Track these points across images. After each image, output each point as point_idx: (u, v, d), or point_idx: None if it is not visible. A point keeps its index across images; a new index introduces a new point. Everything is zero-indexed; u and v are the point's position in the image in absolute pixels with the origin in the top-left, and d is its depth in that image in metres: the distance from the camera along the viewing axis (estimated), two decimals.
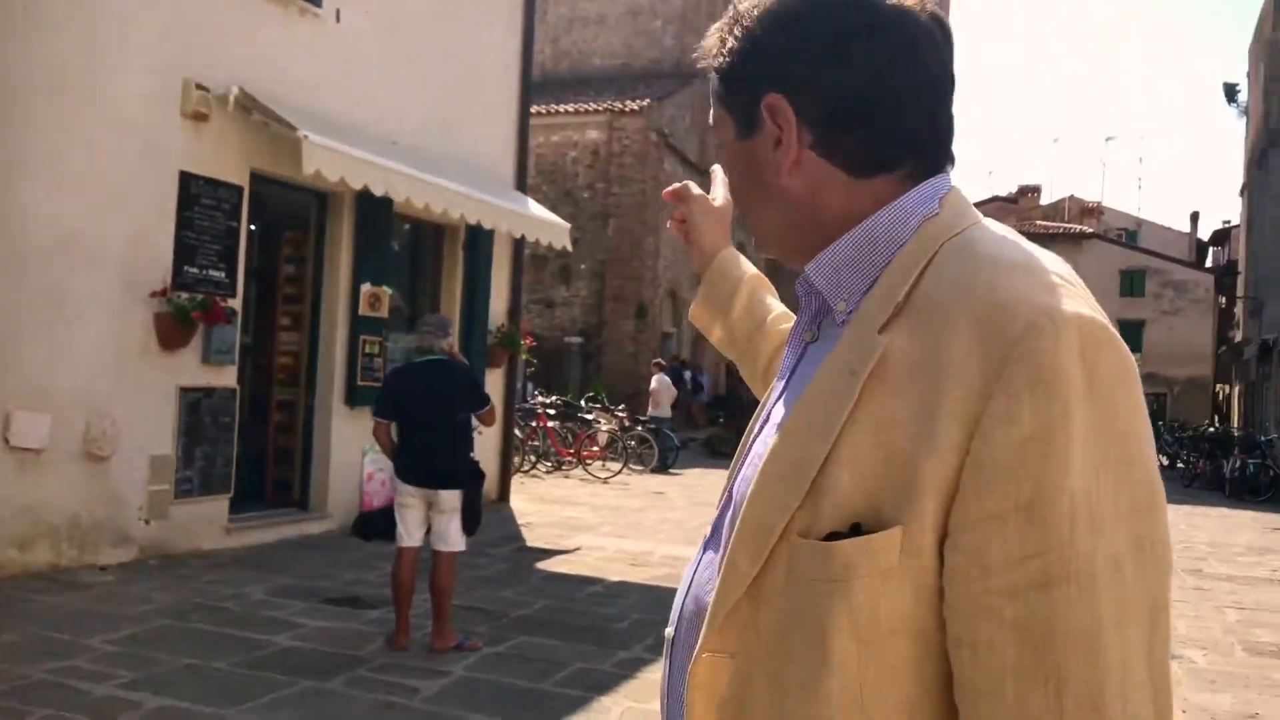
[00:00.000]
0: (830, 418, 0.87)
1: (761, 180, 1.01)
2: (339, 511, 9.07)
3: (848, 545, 0.83)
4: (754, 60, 0.99)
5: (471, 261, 10.77)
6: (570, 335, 23.94)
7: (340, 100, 8.86)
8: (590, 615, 6.65)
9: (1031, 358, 0.79)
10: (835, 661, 0.83)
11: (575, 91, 25.59)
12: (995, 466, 0.79)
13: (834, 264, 0.97)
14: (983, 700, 0.80)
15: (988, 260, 0.88)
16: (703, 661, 0.91)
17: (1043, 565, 0.78)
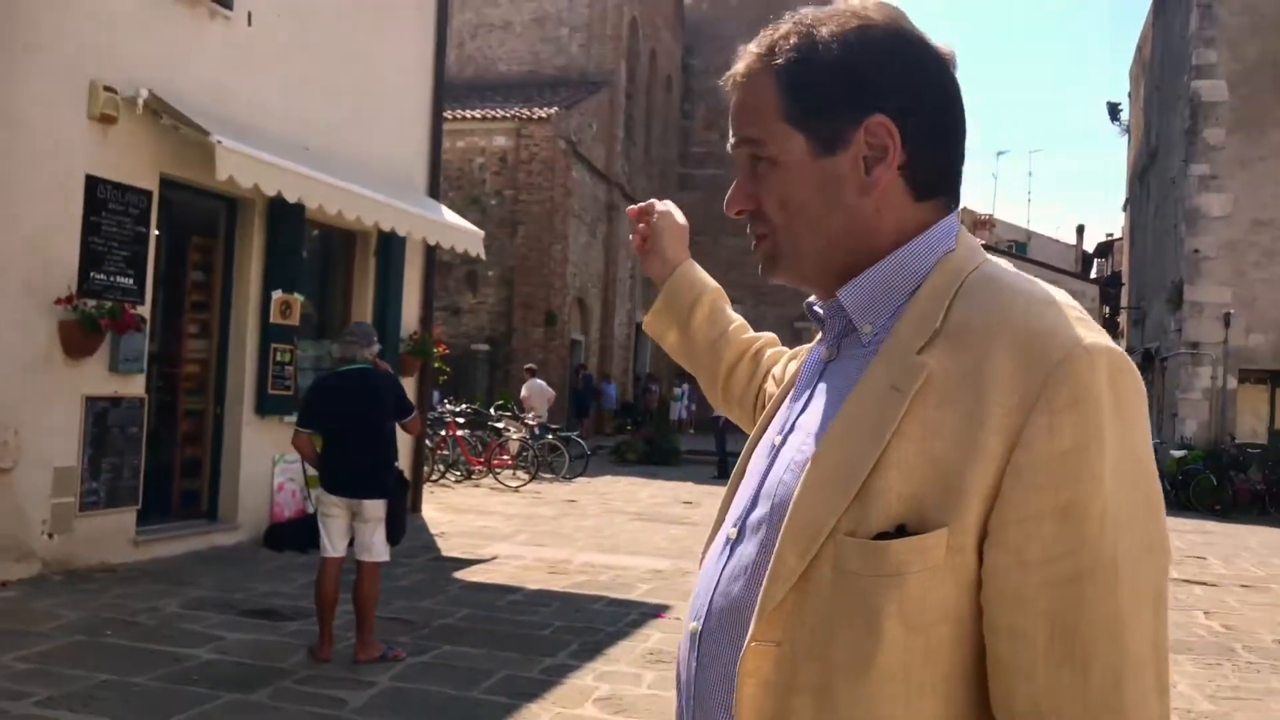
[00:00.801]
0: (878, 428, 0.96)
1: (833, 198, 1.06)
2: (249, 522, 8.90)
3: (902, 544, 0.92)
4: (850, 83, 1.05)
5: (383, 268, 10.67)
6: (477, 343, 23.79)
7: (252, 104, 8.72)
8: (512, 623, 6.67)
9: (1072, 381, 0.90)
10: (885, 646, 0.92)
11: (481, 98, 25.46)
12: (1036, 474, 0.90)
13: (866, 290, 1.07)
14: (1018, 680, 0.91)
15: (1019, 294, 0.99)
16: (752, 650, 0.97)
17: (1075, 562, 0.89)
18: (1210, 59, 18.46)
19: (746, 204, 1.12)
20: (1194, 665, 6.44)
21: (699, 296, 1.62)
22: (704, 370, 1.64)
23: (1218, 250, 18.42)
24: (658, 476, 17.84)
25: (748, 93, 1.10)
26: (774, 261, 1.12)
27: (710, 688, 1.05)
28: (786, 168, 1.07)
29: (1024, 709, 0.91)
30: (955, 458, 0.92)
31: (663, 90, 32.44)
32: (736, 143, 1.12)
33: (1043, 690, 0.90)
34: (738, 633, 1.02)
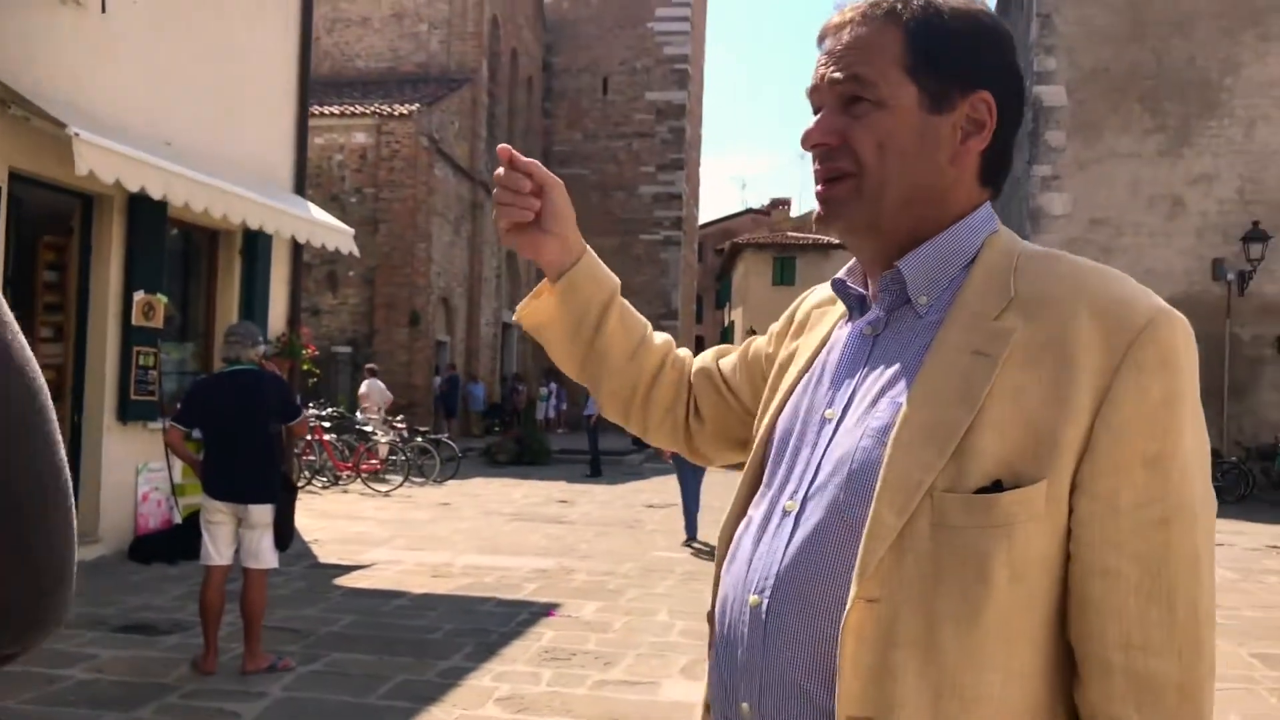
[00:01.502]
0: (969, 391, 1.01)
1: (929, 153, 1.11)
2: (112, 534, 8.49)
3: (1010, 496, 0.98)
4: (969, 55, 1.12)
5: (249, 267, 10.31)
6: (338, 345, 23.21)
7: (107, 96, 8.30)
8: (401, 628, 6.55)
9: (1158, 343, 1.00)
10: (993, 594, 0.98)
11: (339, 94, 24.87)
12: (1126, 428, 0.98)
13: (925, 262, 1.12)
14: (1109, 618, 0.99)
15: (1087, 267, 1.08)
16: (855, 609, 1.00)
17: (1162, 508, 0.99)
18: (1050, 66, 19.46)
19: (829, 138, 1.12)
20: None
21: (612, 296, 1.42)
22: (616, 380, 1.44)
23: (1060, 246, 19.15)
24: (530, 476, 17.76)
25: (866, 34, 1.11)
26: (848, 204, 1.13)
27: (786, 656, 1.06)
28: (894, 112, 1.10)
29: (1116, 644, 0.99)
30: (1048, 416, 0.99)
31: (524, 89, 32.29)
32: (840, 79, 1.12)
33: (1134, 625, 0.98)
34: (817, 598, 1.05)
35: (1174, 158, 19.24)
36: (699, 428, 1.48)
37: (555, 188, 1.35)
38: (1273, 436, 18.42)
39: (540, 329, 1.43)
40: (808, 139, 1.14)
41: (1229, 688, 5.73)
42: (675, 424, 1.48)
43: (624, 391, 1.45)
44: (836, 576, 1.05)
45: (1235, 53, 19.08)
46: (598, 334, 1.40)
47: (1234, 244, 18.63)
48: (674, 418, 1.48)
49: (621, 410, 1.48)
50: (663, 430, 1.49)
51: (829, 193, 1.14)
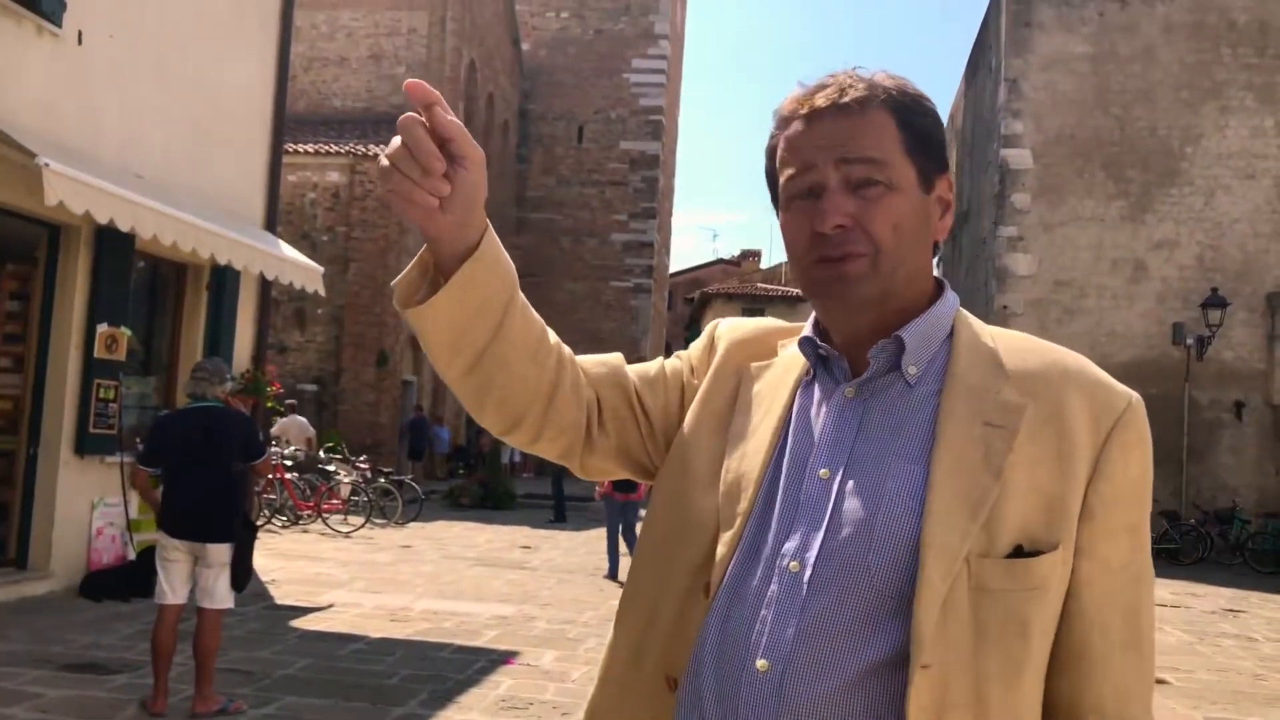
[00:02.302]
0: (990, 460, 1.08)
1: (926, 232, 1.19)
2: (64, 570, 8.32)
3: (1045, 560, 1.07)
4: (939, 138, 1.21)
5: (216, 303, 10.23)
6: (304, 383, 23.03)
7: (80, 127, 8.27)
8: (357, 673, 6.44)
9: (1136, 424, 1.13)
10: (1033, 651, 1.07)
11: (314, 132, 24.89)
12: (1117, 498, 1.11)
13: (920, 333, 1.17)
14: (1102, 666, 1.11)
15: (1053, 348, 1.19)
16: (918, 677, 1.02)
17: (1138, 567, 1.13)
18: (1016, 129, 19.85)
19: (847, 220, 1.13)
20: None
21: (514, 288, 1.16)
22: (514, 385, 1.19)
23: (1024, 307, 19.71)
24: (493, 521, 17.62)
25: (865, 119, 1.15)
26: (865, 280, 1.13)
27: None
28: (903, 194, 1.15)
29: (1110, 694, 1.11)
30: (1056, 485, 1.09)
31: (500, 134, 32.49)
32: (851, 159, 1.13)
33: (1119, 674, 1.11)
34: (840, 664, 1.06)
35: (1136, 223, 19.63)
36: (603, 441, 1.30)
37: (475, 164, 1.05)
38: (1230, 500, 18.63)
39: (422, 319, 1.12)
40: (827, 221, 1.12)
41: None
42: (576, 434, 1.28)
43: (521, 397, 1.21)
44: (864, 643, 1.06)
45: (1195, 123, 19.56)
46: (497, 335, 1.14)
47: (1194, 309, 18.97)
48: (576, 428, 1.27)
49: (512, 418, 1.23)
50: (558, 442, 1.28)
51: (843, 270, 1.13)
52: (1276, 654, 9.13)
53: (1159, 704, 6.79)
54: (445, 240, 1.08)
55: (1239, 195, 19.40)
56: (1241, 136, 19.47)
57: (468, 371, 1.17)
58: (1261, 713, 6.77)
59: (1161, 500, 18.86)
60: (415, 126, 1.01)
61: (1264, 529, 17.80)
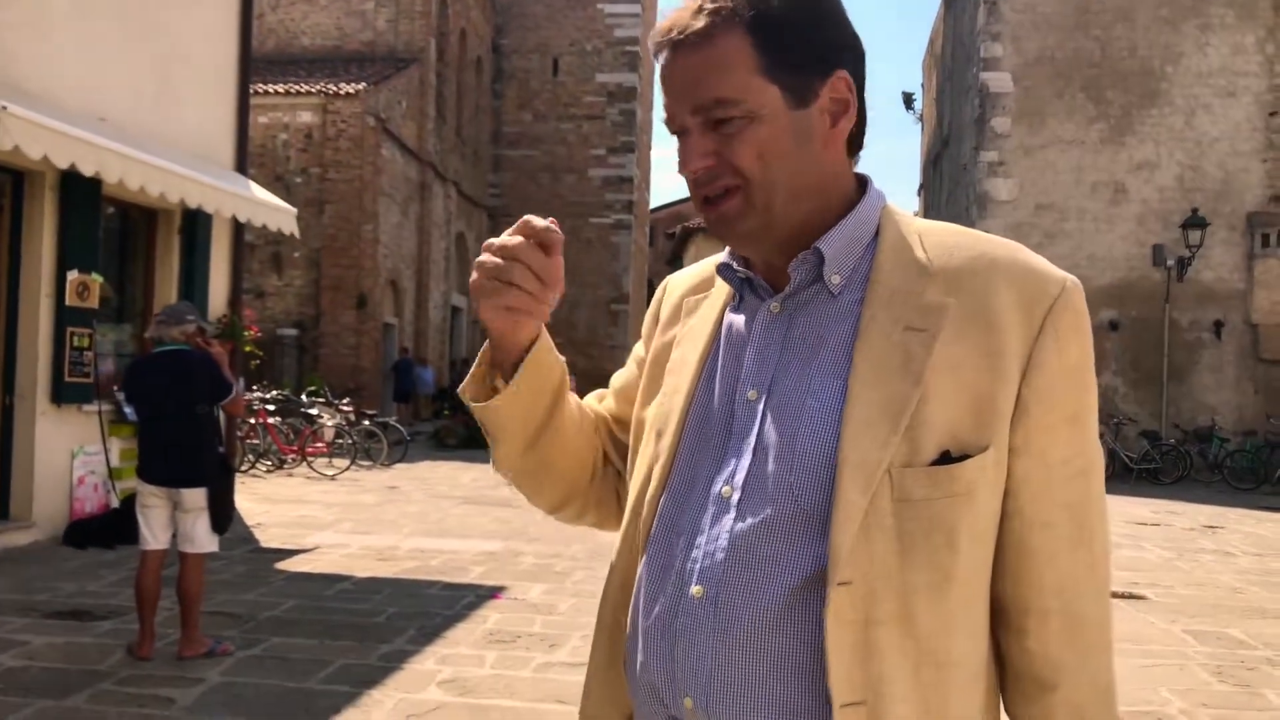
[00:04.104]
0: (910, 366, 1.03)
1: (806, 149, 1.10)
2: (47, 519, 8.29)
3: (971, 464, 1.02)
4: (817, 39, 1.10)
5: (188, 247, 10.09)
6: (284, 327, 22.89)
7: (38, 70, 8.06)
8: (344, 612, 6.47)
9: (1071, 310, 1.07)
10: (961, 560, 1.03)
11: (284, 72, 24.43)
12: (1052, 390, 1.05)
13: (840, 241, 1.12)
14: (1045, 564, 1.07)
15: (989, 239, 1.12)
16: (835, 594, 1.00)
17: (1082, 460, 1.07)
18: (996, 52, 19.65)
19: (710, 160, 1.09)
20: None
21: (565, 372, 1.22)
22: (571, 463, 1.28)
23: (1006, 231, 19.66)
24: (479, 460, 17.64)
25: (712, 53, 1.07)
26: (741, 216, 1.10)
27: (743, 647, 1.04)
28: (765, 120, 1.08)
29: (1053, 590, 1.07)
30: (984, 384, 1.03)
31: (473, 70, 31.98)
32: (700, 107, 1.08)
33: (1066, 571, 1.07)
34: (770, 586, 1.04)
35: (1116, 145, 19.54)
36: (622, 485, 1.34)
37: (559, 285, 1.11)
38: (1209, 419, 18.84)
39: (501, 410, 1.18)
40: (686, 166, 1.10)
41: (1161, 664, 5.85)
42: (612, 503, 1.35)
43: (573, 472, 1.29)
44: (791, 563, 1.03)
45: (1176, 42, 19.39)
46: (552, 415, 1.21)
47: (1174, 230, 18.98)
48: (611, 498, 1.35)
49: (564, 494, 1.31)
50: (600, 511, 1.35)
51: (719, 209, 1.11)
52: (1254, 568, 9.28)
53: (1137, 618, 6.92)
54: (524, 341, 1.15)
55: (1219, 114, 19.32)
56: (1222, 54, 19.33)
57: (530, 447, 1.22)
58: (1239, 624, 6.89)
59: (1141, 421, 19.06)
60: (531, 248, 1.09)
61: (1242, 447, 18.04)
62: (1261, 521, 12.93)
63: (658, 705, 1.11)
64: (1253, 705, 5.18)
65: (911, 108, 32.25)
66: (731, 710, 1.04)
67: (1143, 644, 6.28)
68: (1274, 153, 19.26)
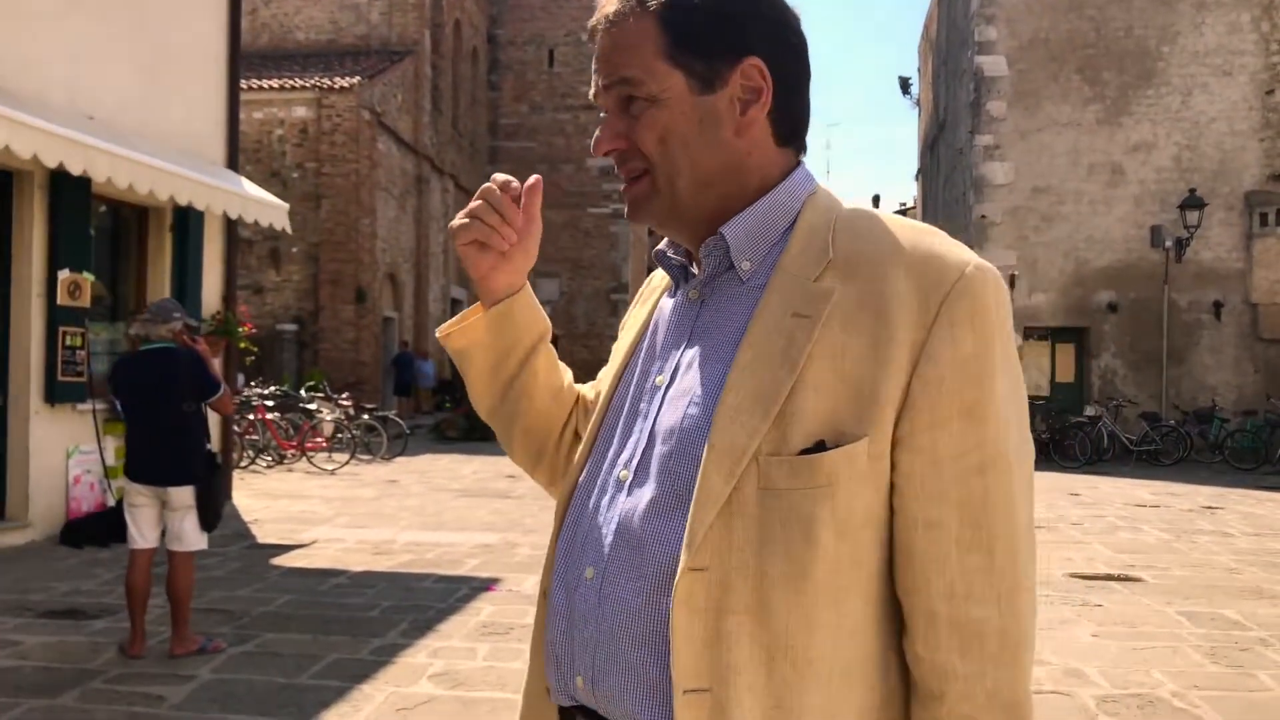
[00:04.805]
0: (789, 353, 1.01)
1: (711, 134, 1.10)
2: (42, 519, 8.31)
3: (833, 455, 0.98)
4: (727, 26, 1.09)
5: (180, 244, 10.08)
6: (283, 322, 22.88)
7: (22, 70, 8.03)
8: (338, 607, 6.48)
9: (969, 296, 1.01)
10: (819, 554, 0.98)
11: (277, 67, 24.39)
12: (943, 381, 0.99)
13: (747, 227, 1.11)
14: (931, 567, 1.00)
15: (901, 224, 1.08)
16: (685, 578, 0.99)
17: (978, 456, 1.00)
18: (991, 36, 19.57)
19: (617, 143, 1.13)
20: None
21: (544, 333, 1.33)
22: (536, 418, 1.35)
23: (1002, 216, 19.64)
24: (480, 453, 17.66)
25: (622, 34, 1.10)
26: (649, 199, 1.13)
27: (620, 629, 1.05)
28: (666, 104, 1.09)
29: (940, 594, 1.00)
30: (867, 374, 1.00)
31: (469, 62, 31.90)
32: (609, 84, 1.12)
33: (956, 575, 1.00)
34: (644, 568, 1.04)
35: (1112, 126, 19.47)
36: None
37: (537, 228, 1.24)
38: (1210, 400, 18.80)
39: (464, 352, 1.31)
40: (597, 147, 1.14)
41: (1154, 646, 5.85)
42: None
43: (541, 431, 1.36)
44: (668, 546, 1.03)
45: (1172, 21, 19.30)
46: (524, 367, 1.31)
47: (1172, 211, 18.93)
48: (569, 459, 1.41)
49: (534, 451, 1.38)
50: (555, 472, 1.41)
51: (631, 192, 1.14)
52: (1252, 548, 9.27)
53: (1131, 600, 6.92)
54: (496, 289, 1.26)
55: (1216, 93, 19.25)
56: (1218, 33, 19.24)
57: (500, 400, 1.33)
58: (1234, 605, 6.88)
59: (1141, 403, 19.03)
60: (494, 189, 1.21)
61: (1243, 427, 18.00)
62: (1261, 502, 12.91)
63: (562, 683, 1.13)
64: (1245, 686, 5.17)
65: (908, 92, 32.16)
66: (611, 689, 1.06)
67: (1136, 626, 6.28)
68: (1271, 131, 19.19)
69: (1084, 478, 15.44)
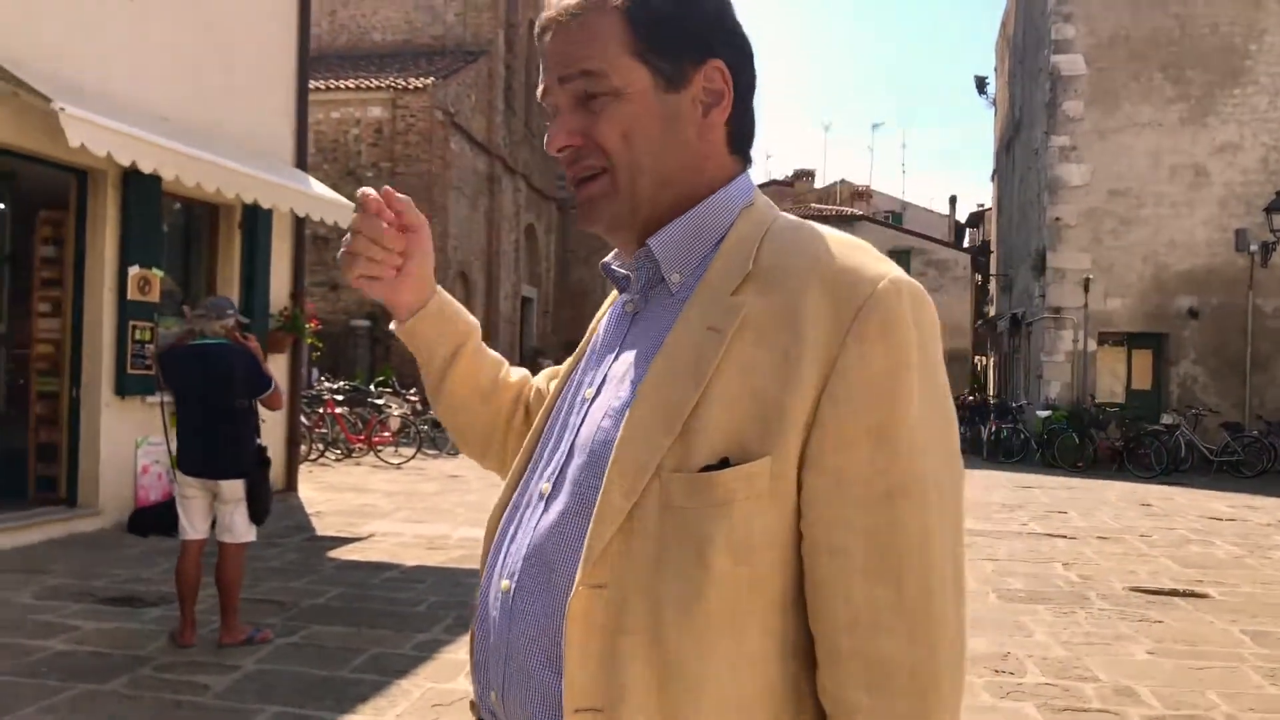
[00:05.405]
0: (699, 367, 0.98)
1: (674, 133, 1.08)
2: (112, 507, 8.57)
3: (729, 474, 0.95)
4: (692, 27, 1.08)
5: (249, 242, 10.33)
6: (356, 318, 23.30)
7: (96, 71, 8.30)
8: (386, 601, 6.57)
9: (880, 311, 0.96)
10: (714, 577, 0.95)
11: (354, 67, 24.84)
12: (851, 399, 0.95)
13: (674, 238, 1.09)
14: (835, 597, 0.95)
15: (823, 237, 1.04)
16: (580, 595, 0.97)
17: (888, 480, 0.95)
18: (1068, 34, 19.12)
19: (573, 139, 1.09)
20: (1051, 614, 6.73)
21: (460, 341, 1.33)
22: (472, 420, 1.38)
23: (1077, 218, 19.17)
24: None
25: (584, 28, 1.08)
26: (607, 199, 1.10)
27: (525, 641, 1.04)
28: (631, 100, 1.07)
29: (844, 626, 0.95)
30: (775, 390, 0.96)
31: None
32: (566, 77, 1.08)
33: (861, 606, 0.94)
34: (553, 582, 1.03)
35: (1197, 127, 18.89)
36: None
37: (423, 230, 1.23)
38: None
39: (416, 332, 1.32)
40: (552, 144, 1.11)
41: (1213, 665, 5.66)
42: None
43: (481, 431, 1.39)
44: (571, 561, 1.02)
45: (1259, 19, 18.67)
46: (445, 377, 1.33)
47: (1257, 215, 18.30)
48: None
49: (479, 449, 1.42)
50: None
51: (586, 192, 1.11)
52: None
53: (1194, 617, 6.71)
54: (403, 306, 1.27)
55: None
56: None
57: (435, 402, 1.37)
58: None
59: (1223, 412, 18.44)
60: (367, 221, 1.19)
61: None
62: None
63: (481, 695, 1.13)
64: None
65: (984, 92, 31.57)
66: (516, 704, 1.05)
67: (1196, 644, 6.09)
68: None
69: (1158, 488, 15.00)
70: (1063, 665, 5.58)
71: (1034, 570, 8.24)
